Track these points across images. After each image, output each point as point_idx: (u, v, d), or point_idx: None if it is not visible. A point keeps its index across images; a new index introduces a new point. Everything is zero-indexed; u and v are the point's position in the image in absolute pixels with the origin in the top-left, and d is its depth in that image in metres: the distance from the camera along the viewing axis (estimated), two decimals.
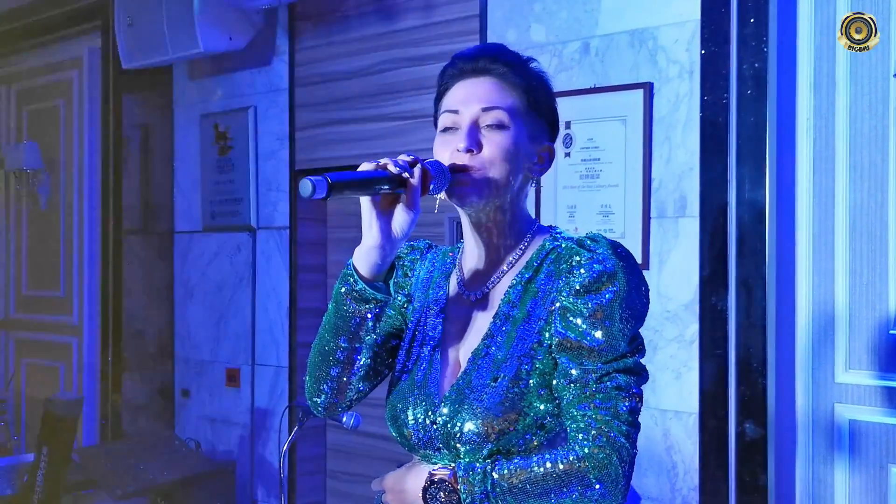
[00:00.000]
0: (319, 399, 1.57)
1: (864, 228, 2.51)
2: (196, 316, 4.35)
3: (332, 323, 1.49)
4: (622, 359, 1.39)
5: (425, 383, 1.51)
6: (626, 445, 1.35)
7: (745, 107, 2.62)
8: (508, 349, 1.44)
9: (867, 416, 2.49)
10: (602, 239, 1.45)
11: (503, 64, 1.50)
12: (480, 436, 1.40)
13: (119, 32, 4.07)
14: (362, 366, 1.53)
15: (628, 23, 2.92)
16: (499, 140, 1.46)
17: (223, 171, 4.19)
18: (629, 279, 1.40)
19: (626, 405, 1.37)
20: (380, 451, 3.89)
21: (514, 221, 1.53)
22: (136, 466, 3.60)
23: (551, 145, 1.55)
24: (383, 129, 3.64)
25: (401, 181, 1.42)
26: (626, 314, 1.39)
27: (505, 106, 1.47)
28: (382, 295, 1.45)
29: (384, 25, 3.63)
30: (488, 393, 1.42)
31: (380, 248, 1.43)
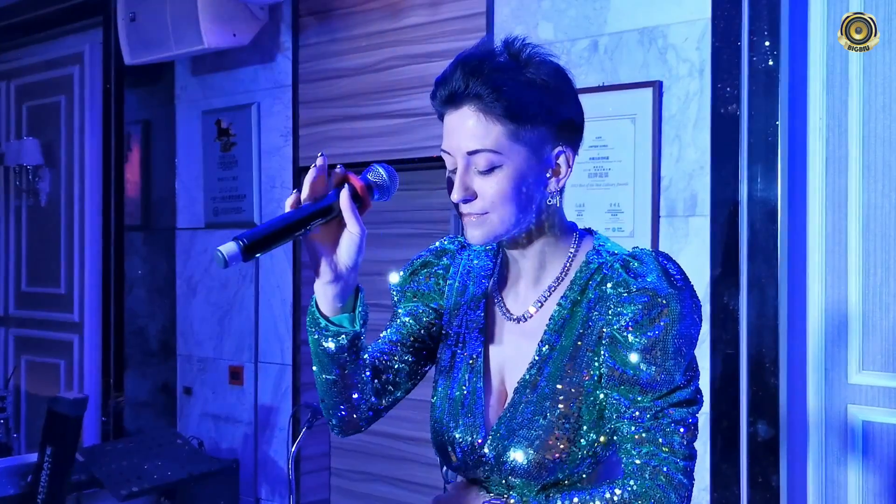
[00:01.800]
0: (342, 423, 1.53)
1: (878, 228, 2.50)
2: (199, 313, 4.33)
3: (316, 357, 1.44)
4: (676, 391, 1.33)
5: (471, 409, 1.45)
6: (683, 482, 1.33)
7: (757, 105, 2.61)
8: (556, 382, 1.38)
9: (881, 417, 2.48)
10: (650, 261, 1.35)
11: (480, 84, 1.35)
12: (531, 469, 1.37)
13: (121, 28, 4.04)
14: (367, 382, 1.48)
15: (638, 21, 2.90)
16: (492, 184, 1.36)
17: (226, 167, 4.17)
18: (682, 308, 1.32)
19: (682, 440, 1.33)
20: (385, 450, 3.88)
21: (548, 240, 1.44)
22: (140, 466, 3.58)
23: (565, 150, 1.40)
24: (388, 126, 3.62)
25: (329, 210, 1.34)
26: (680, 345, 1.32)
27: (490, 145, 1.35)
28: (346, 328, 1.39)
29: (389, 22, 3.60)
30: (538, 427, 1.37)
31: (332, 283, 1.37)
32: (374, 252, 3.92)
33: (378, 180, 1.38)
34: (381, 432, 3.74)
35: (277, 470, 4.01)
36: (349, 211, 1.34)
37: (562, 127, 1.39)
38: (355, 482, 4.01)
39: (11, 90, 5.23)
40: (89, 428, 4.50)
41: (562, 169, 1.41)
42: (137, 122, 4.49)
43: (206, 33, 3.74)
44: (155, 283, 4.48)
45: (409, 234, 3.79)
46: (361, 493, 3.98)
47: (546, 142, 1.38)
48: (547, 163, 1.40)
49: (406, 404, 3.86)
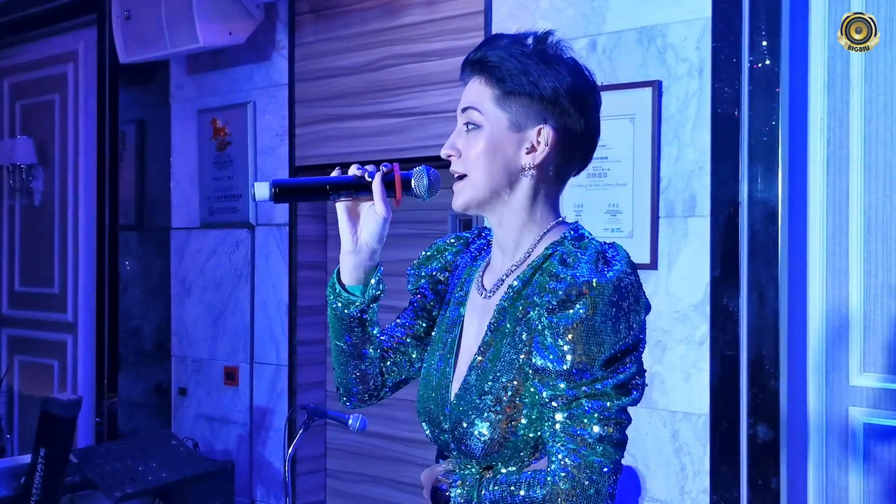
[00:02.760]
0: (348, 393, 1.63)
1: (880, 230, 2.48)
2: (193, 313, 4.30)
3: (331, 322, 1.58)
4: (594, 382, 1.30)
5: (439, 387, 1.51)
6: (593, 476, 1.30)
7: (757, 105, 2.59)
8: (497, 364, 1.41)
9: (883, 419, 2.47)
10: (591, 253, 1.35)
11: (488, 53, 1.44)
12: (478, 449, 1.40)
13: (116, 26, 4.02)
14: (375, 358, 1.59)
15: (636, 20, 2.88)
16: (472, 141, 1.44)
17: (221, 167, 4.14)
18: (602, 299, 1.29)
19: (595, 432, 1.30)
20: (380, 451, 3.86)
21: (523, 219, 1.46)
22: (135, 467, 3.56)
23: (548, 126, 1.41)
24: (385, 125, 3.60)
25: (365, 187, 1.47)
26: (598, 335, 1.29)
27: (477, 103, 1.44)
28: (357, 297, 1.52)
29: (387, 20, 3.58)
30: (482, 408, 1.39)
31: (352, 253, 1.51)
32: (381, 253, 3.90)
33: (415, 180, 1.50)
34: (378, 434, 3.72)
35: (273, 471, 3.98)
36: (378, 192, 1.46)
37: (547, 102, 1.41)
38: (351, 483, 3.99)
39: (4, 88, 5.20)
40: (83, 429, 4.47)
41: (539, 145, 1.42)
42: (132, 121, 4.47)
43: (202, 31, 3.71)
44: (149, 283, 4.45)
45: (407, 235, 3.77)
46: (357, 494, 3.96)
47: (528, 115, 1.42)
48: (526, 137, 1.43)
49: (402, 405, 3.86)
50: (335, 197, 1.49)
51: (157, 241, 4.44)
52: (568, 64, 1.44)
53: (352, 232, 1.51)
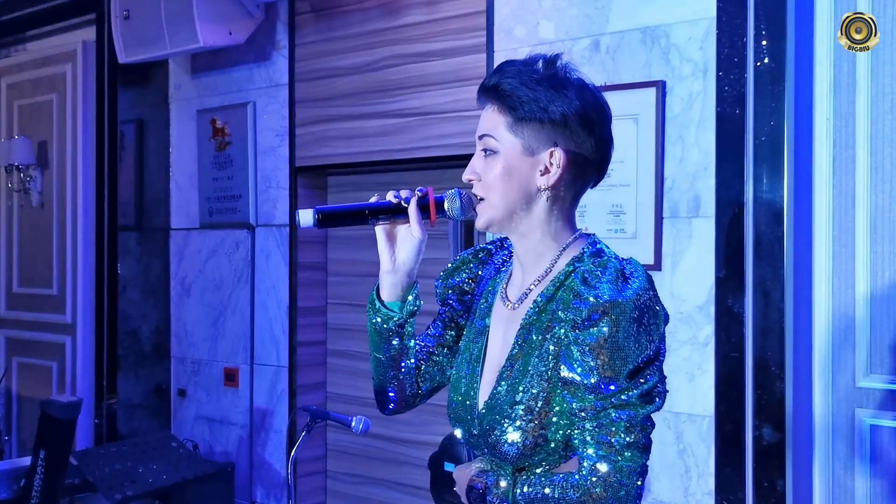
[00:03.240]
0: (386, 401, 1.73)
1: (886, 230, 2.47)
2: (193, 314, 4.29)
3: (370, 336, 1.68)
4: (620, 393, 1.40)
5: (467, 394, 1.60)
6: (621, 481, 1.39)
7: (762, 105, 2.58)
8: (526, 375, 1.49)
9: (890, 421, 2.45)
10: (612, 272, 1.43)
11: (504, 83, 1.51)
12: (509, 453, 1.49)
13: (115, 25, 4.00)
14: (412, 367, 1.69)
15: (640, 20, 2.87)
16: (489, 165, 1.53)
17: (221, 167, 4.13)
18: (623, 316, 1.38)
19: (623, 439, 1.40)
20: (380, 452, 3.84)
21: (542, 235, 1.55)
22: (135, 469, 3.54)
23: (560, 149, 1.49)
24: (386, 126, 3.58)
25: (401, 210, 1.58)
26: (621, 350, 1.39)
27: (491, 130, 1.52)
28: (395, 313, 1.62)
29: (387, 20, 3.56)
30: (513, 416, 1.48)
31: (390, 272, 1.61)
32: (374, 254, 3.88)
33: (448, 202, 1.58)
34: (379, 435, 3.71)
35: (273, 473, 3.97)
36: (414, 215, 1.57)
37: (557, 126, 1.48)
38: (352, 485, 3.97)
39: (3, 88, 5.17)
40: (82, 431, 4.44)
41: (552, 167, 1.50)
42: (131, 121, 4.45)
43: (202, 31, 3.70)
44: (148, 284, 4.43)
45: None
46: (357, 496, 3.95)
47: (540, 140, 1.50)
48: (539, 160, 1.51)
49: None
50: (374, 221, 1.59)
51: (157, 241, 4.42)
52: (576, 86, 1.51)
53: (390, 253, 1.60)
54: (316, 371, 4.00)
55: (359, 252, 3.94)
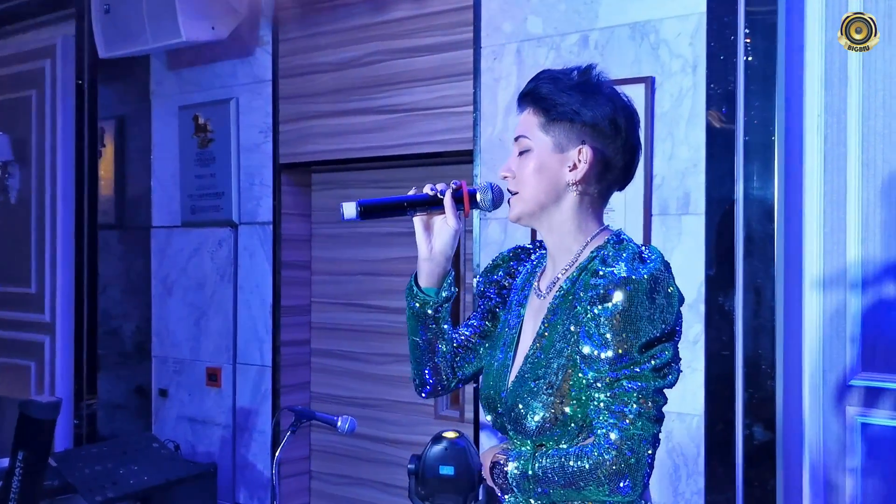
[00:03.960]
0: (423, 384, 1.83)
1: (878, 227, 2.46)
2: (175, 313, 4.23)
3: (408, 320, 1.79)
4: (633, 365, 1.49)
5: (498, 375, 1.70)
6: (634, 446, 1.47)
7: (753, 102, 2.57)
8: (550, 355, 1.60)
9: (881, 419, 2.44)
10: (629, 254, 1.53)
11: (540, 87, 1.64)
12: (533, 430, 1.59)
13: (95, 20, 3.94)
14: (447, 352, 1.79)
15: (629, 15, 2.84)
16: (523, 163, 1.66)
17: (204, 164, 4.07)
18: (637, 291, 1.48)
19: (634, 408, 1.48)
20: (364, 453, 3.81)
21: (570, 227, 1.65)
22: (115, 471, 3.48)
23: (588, 146, 1.61)
24: (372, 122, 3.54)
25: (437, 202, 1.69)
26: (634, 324, 1.48)
27: (526, 131, 1.65)
28: (432, 297, 1.73)
29: (374, 16, 3.53)
30: (536, 394, 1.58)
31: (426, 260, 1.73)
32: (365, 252, 3.86)
33: (481, 194, 1.71)
34: (364, 435, 3.67)
35: (256, 473, 3.92)
36: (449, 206, 1.69)
37: (587, 127, 1.61)
38: (336, 486, 3.93)
39: None
40: (61, 432, 4.38)
41: (580, 163, 1.62)
42: (111, 117, 4.39)
43: (184, 26, 3.64)
44: (129, 283, 4.37)
45: (397, 234, 3.71)
46: (342, 496, 3.91)
47: (570, 138, 1.62)
48: (569, 156, 1.63)
49: (389, 406, 3.80)
50: (412, 213, 1.70)
51: (138, 239, 4.36)
52: (606, 93, 1.64)
53: (427, 242, 1.72)
54: (300, 371, 3.96)
55: (343, 251, 3.90)
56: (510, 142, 3.07)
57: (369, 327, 3.80)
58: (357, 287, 3.85)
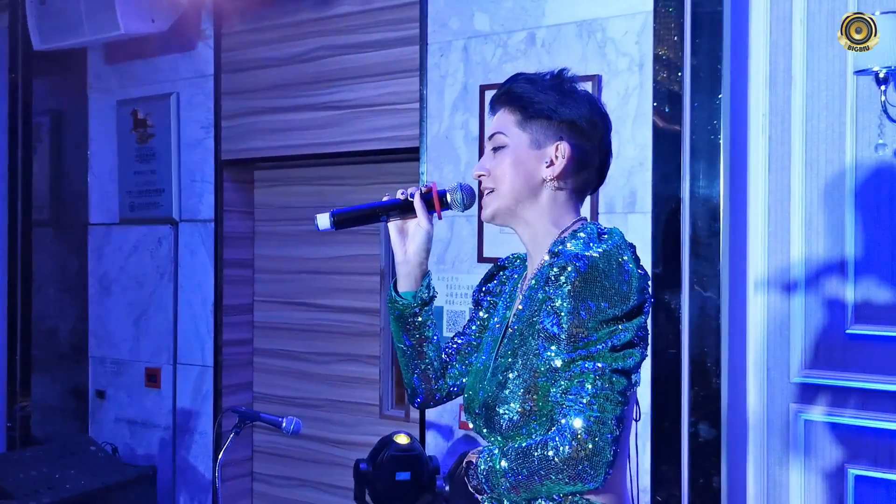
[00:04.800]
0: (414, 392, 1.81)
1: (821, 227, 2.48)
2: (113, 313, 4.13)
3: (392, 327, 1.79)
4: (588, 346, 1.45)
5: (480, 377, 1.68)
6: (592, 429, 1.42)
7: (699, 101, 2.58)
8: (515, 348, 1.58)
9: (824, 416, 2.47)
10: (587, 232, 1.53)
11: (515, 87, 1.65)
12: (506, 421, 1.56)
13: (30, 11, 3.82)
14: (434, 358, 1.78)
15: (576, 13, 2.84)
16: (498, 159, 1.64)
17: (143, 160, 3.98)
18: (591, 269, 1.45)
19: (589, 389, 1.44)
20: (309, 453, 3.76)
21: (543, 224, 1.64)
22: (52, 475, 3.38)
23: (565, 143, 1.61)
24: (316, 119, 3.50)
25: (409, 206, 1.69)
26: (588, 302, 1.45)
27: (502, 127, 1.65)
28: (410, 301, 1.74)
29: (319, 10, 3.48)
30: (503, 389, 1.57)
31: (402, 263, 1.73)
32: (308, 250, 3.80)
33: (451, 195, 1.70)
34: (308, 436, 3.62)
35: (198, 476, 3.84)
36: (420, 208, 1.69)
37: (563, 125, 1.61)
38: (280, 488, 3.87)
39: None
40: None
41: (557, 159, 1.61)
42: (47, 111, 4.27)
43: (123, 18, 3.55)
44: (65, 282, 4.26)
45: (341, 232, 3.66)
46: (286, 498, 3.85)
47: (547, 135, 1.62)
48: (545, 153, 1.62)
49: (333, 406, 3.75)
50: (385, 218, 1.71)
51: (74, 237, 4.25)
52: (581, 94, 1.65)
53: (402, 246, 1.73)
54: (242, 371, 3.89)
55: (286, 249, 3.84)
56: (457, 139, 3.07)
57: (313, 326, 3.75)
58: (300, 286, 3.80)
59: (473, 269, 3.01)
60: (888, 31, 2.20)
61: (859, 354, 2.42)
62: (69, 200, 4.25)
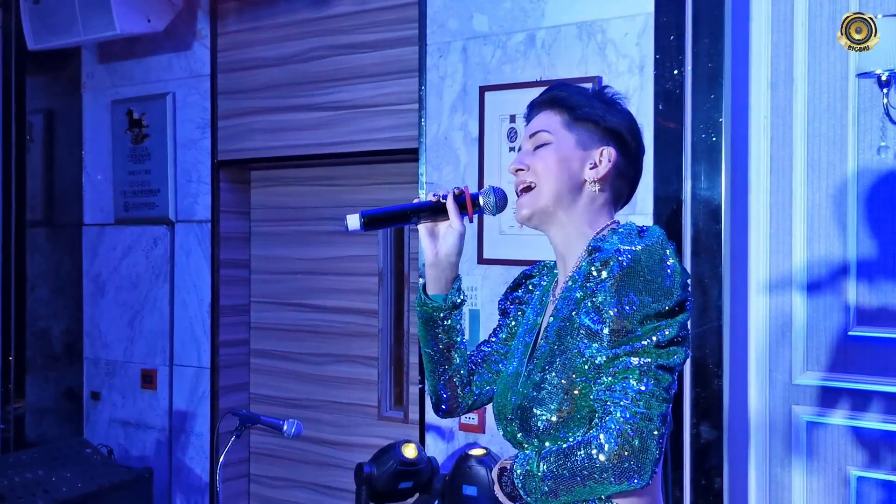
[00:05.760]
0: (439, 400, 1.78)
1: (823, 228, 2.49)
2: (108, 314, 4.10)
3: (419, 330, 1.76)
4: (632, 341, 1.42)
5: (512, 382, 1.64)
6: (637, 426, 1.39)
7: (700, 103, 2.58)
8: (553, 349, 1.54)
9: (825, 417, 2.47)
10: (626, 229, 1.51)
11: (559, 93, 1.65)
12: (544, 424, 1.51)
13: (24, 10, 3.80)
14: (461, 365, 1.76)
15: (576, 14, 2.84)
16: (541, 155, 1.62)
17: (138, 160, 3.96)
18: (630, 263, 1.43)
19: (635, 386, 1.41)
20: (306, 455, 3.74)
21: (578, 226, 1.61)
22: (47, 478, 3.36)
23: (611, 148, 1.61)
24: (313, 119, 3.48)
25: (440, 209, 1.67)
26: (629, 297, 1.42)
27: (547, 126, 1.63)
28: (440, 304, 1.71)
29: (316, 10, 3.46)
30: (540, 392, 1.53)
31: (432, 266, 1.70)
32: (305, 251, 3.79)
33: (483, 198, 1.68)
34: (305, 437, 3.60)
35: (194, 478, 3.82)
36: (452, 209, 1.67)
37: (609, 132, 1.62)
38: (276, 489, 3.86)
39: None
40: None
41: (601, 163, 1.60)
42: (40, 111, 4.24)
43: (119, 18, 3.53)
44: (59, 283, 4.23)
45: (336, 232, 3.66)
46: (282, 500, 3.84)
47: (593, 139, 1.62)
48: (590, 155, 1.61)
49: (329, 408, 3.74)
50: (416, 220, 1.68)
51: (68, 237, 4.23)
52: (623, 109, 1.66)
53: (432, 247, 1.70)
54: (239, 372, 3.88)
55: (283, 249, 3.82)
56: (456, 140, 3.06)
57: (310, 327, 3.74)
58: (297, 286, 3.79)
59: (473, 270, 3.00)
60: (890, 34, 2.21)
61: (861, 356, 2.43)
62: (63, 200, 4.23)
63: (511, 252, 2.91)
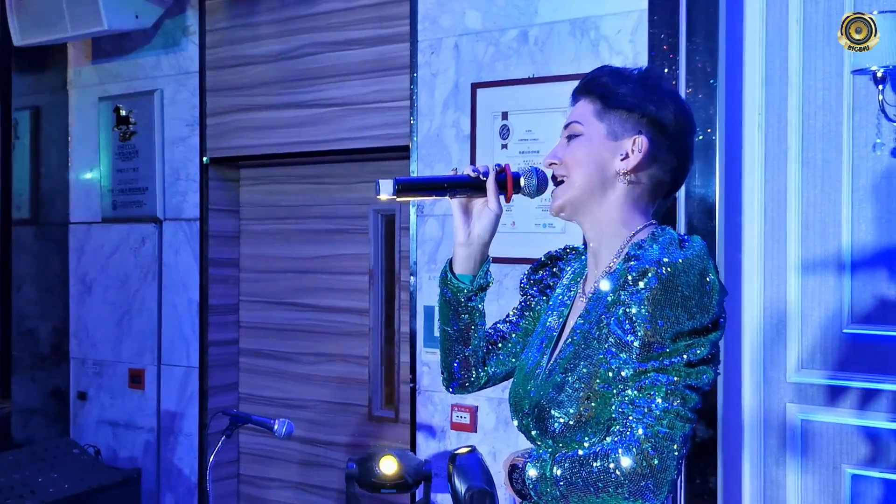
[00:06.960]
0: (451, 377, 1.74)
1: (818, 226, 2.48)
2: (95, 313, 4.06)
3: (440, 308, 1.72)
4: (661, 357, 1.38)
5: (530, 374, 1.60)
6: (657, 446, 1.35)
7: (694, 100, 2.56)
8: (579, 351, 1.50)
9: (820, 415, 2.46)
10: (665, 241, 1.45)
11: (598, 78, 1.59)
12: (560, 426, 1.48)
13: (10, 6, 3.75)
14: (478, 347, 1.71)
15: (570, 11, 2.82)
16: (572, 147, 1.57)
17: (126, 158, 3.92)
18: (670, 277, 1.37)
19: (660, 404, 1.37)
20: (296, 455, 3.72)
21: (612, 221, 1.56)
22: (34, 479, 3.32)
23: (644, 137, 1.53)
24: (303, 116, 3.46)
25: (479, 185, 1.61)
26: (664, 311, 1.37)
27: (579, 117, 1.58)
28: (466, 285, 1.67)
29: (305, 7, 3.44)
30: (561, 393, 1.49)
31: (465, 245, 1.65)
32: (295, 249, 3.76)
33: (525, 179, 1.61)
34: (297, 437, 3.58)
35: (183, 478, 3.79)
36: (492, 189, 1.61)
37: (644, 118, 1.54)
38: (266, 490, 3.83)
39: None
40: None
41: (633, 153, 1.54)
42: (26, 108, 4.21)
43: (106, 14, 3.50)
44: (46, 282, 4.19)
45: (326, 230, 3.63)
46: (272, 500, 3.81)
47: (625, 127, 1.55)
48: (622, 145, 1.55)
49: (323, 408, 3.71)
50: (451, 193, 1.62)
51: (55, 236, 4.18)
52: (668, 91, 1.58)
53: (465, 226, 1.65)
54: (228, 371, 3.85)
55: (272, 248, 3.79)
56: (448, 137, 3.04)
57: (300, 326, 3.71)
58: (286, 285, 3.76)
59: None
60: (886, 31, 2.20)
61: (856, 354, 2.42)
62: (49, 198, 4.19)
63: (507, 249, 2.89)
